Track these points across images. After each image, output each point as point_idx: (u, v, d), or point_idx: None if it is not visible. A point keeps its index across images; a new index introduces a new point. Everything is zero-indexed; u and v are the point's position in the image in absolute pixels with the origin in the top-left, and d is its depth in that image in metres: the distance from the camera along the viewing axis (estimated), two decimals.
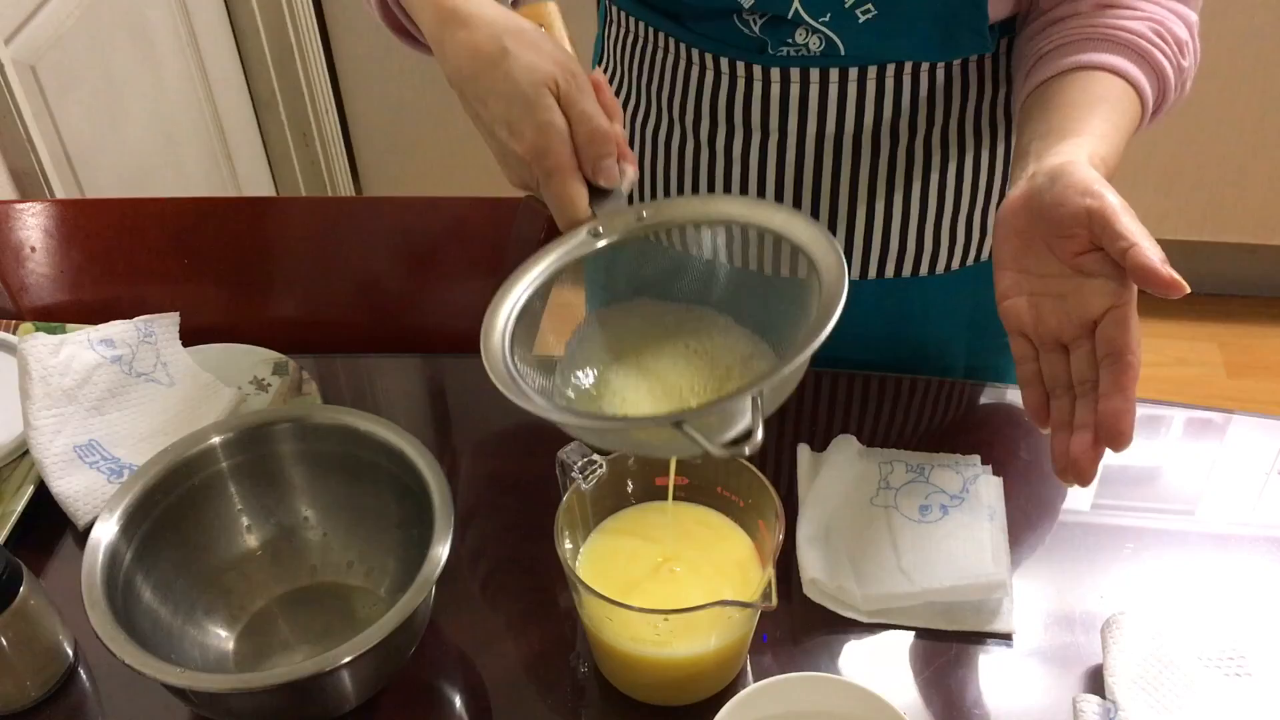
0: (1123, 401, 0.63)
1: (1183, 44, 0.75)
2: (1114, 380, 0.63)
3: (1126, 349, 0.63)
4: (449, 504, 0.71)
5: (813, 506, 0.81)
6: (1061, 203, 0.63)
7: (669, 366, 0.67)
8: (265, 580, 0.79)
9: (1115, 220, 0.62)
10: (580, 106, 0.65)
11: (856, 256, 0.93)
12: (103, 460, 0.86)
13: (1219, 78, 1.97)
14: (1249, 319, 2.30)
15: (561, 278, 0.66)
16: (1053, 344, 0.67)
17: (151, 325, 0.92)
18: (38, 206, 1.13)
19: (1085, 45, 0.75)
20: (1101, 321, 0.64)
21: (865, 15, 0.78)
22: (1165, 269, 0.60)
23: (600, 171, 0.66)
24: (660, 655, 0.67)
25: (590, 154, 0.65)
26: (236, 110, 2.12)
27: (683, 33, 0.86)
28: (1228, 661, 0.72)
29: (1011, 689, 0.72)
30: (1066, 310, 0.65)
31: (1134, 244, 0.61)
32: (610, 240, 0.66)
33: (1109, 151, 0.68)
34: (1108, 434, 0.63)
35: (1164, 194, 2.15)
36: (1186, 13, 0.77)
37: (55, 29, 1.57)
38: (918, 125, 0.86)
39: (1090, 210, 0.62)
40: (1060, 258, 0.65)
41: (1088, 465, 0.65)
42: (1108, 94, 0.72)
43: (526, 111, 0.64)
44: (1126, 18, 0.75)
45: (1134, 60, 0.74)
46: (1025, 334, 0.68)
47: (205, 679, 0.65)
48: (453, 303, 1.16)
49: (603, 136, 0.65)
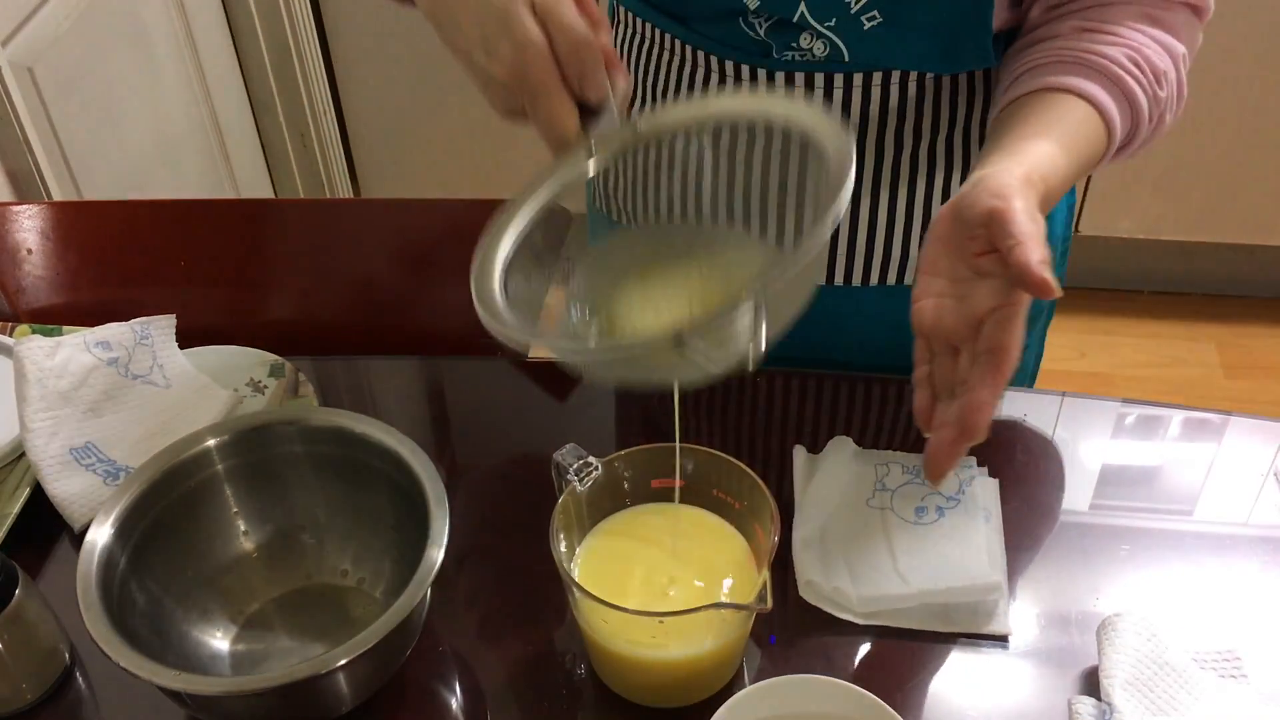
0: (986, 395, 0.63)
1: (1160, 73, 0.74)
2: (982, 375, 0.64)
3: (1002, 348, 0.63)
4: (445, 506, 0.71)
5: (809, 508, 0.81)
6: (973, 204, 0.64)
7: (677, 292, 0.64)
8: (261, 582, 0.79)
9: (1010, 220, 0.62)
10: (559, 17, 0.60)
11: (859, 262, 0.93)
12: (99, 462, 0.86)
13: (1217, 79, 1.97)
14: (1247, 320, 2.30)
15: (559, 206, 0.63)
16: (946, 346, 0.68)
17: (148, 327, 0.92)
18: (34, 208, 1.13)
19: (1058, 68, 0.74)
20: (987, 320, 0.65)
21: (870, 22, 0.78)
22: (1037, 269, 0.60)
23: (588, 86, 0.62)
24: (656, 657, 0.67)
25: (575, 68, 0.61)
26: (234, 112, 2.12)
27: (689, 35, 0.86)
28: (1223, 663, 0.72)
29: (1007, 691, 0.72)
30: (961, 311, 0.66)
31: (1018, 243, 0.61)
32: (605, 157, 0.62)
33: (1051, 170, 0.68)
34: (963, 425, 0.64)
35: (1162, 195, 2.15)
36: (1172, 44, 0.76)
37: (53, 31, 1.57)
38: (921, 132, 0.86)
39: (992, 210, 0.63)
40: (965, 259, 0.66)
41: (942, 460, 0.65)
42: (1067, 116, 0.72)
43: (501, 28, 0.60)
44: (1104, 43, 0.74)
45: (1104, 86, 0.73)
46: (925, 336, 0.69)
47: (201, 681, 0.65)
48: (450, 304, 1.16)
49: (586, 47, 0.60)
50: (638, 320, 0.62)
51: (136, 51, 1.80)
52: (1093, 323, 2.29)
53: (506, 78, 0.61)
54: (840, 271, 0.93)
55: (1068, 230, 0.99)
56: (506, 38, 0.60)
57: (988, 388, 0.63)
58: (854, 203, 0.89)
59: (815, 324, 0.93)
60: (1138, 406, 0.95)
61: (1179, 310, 2.33)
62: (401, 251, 1.18)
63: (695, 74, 0.87)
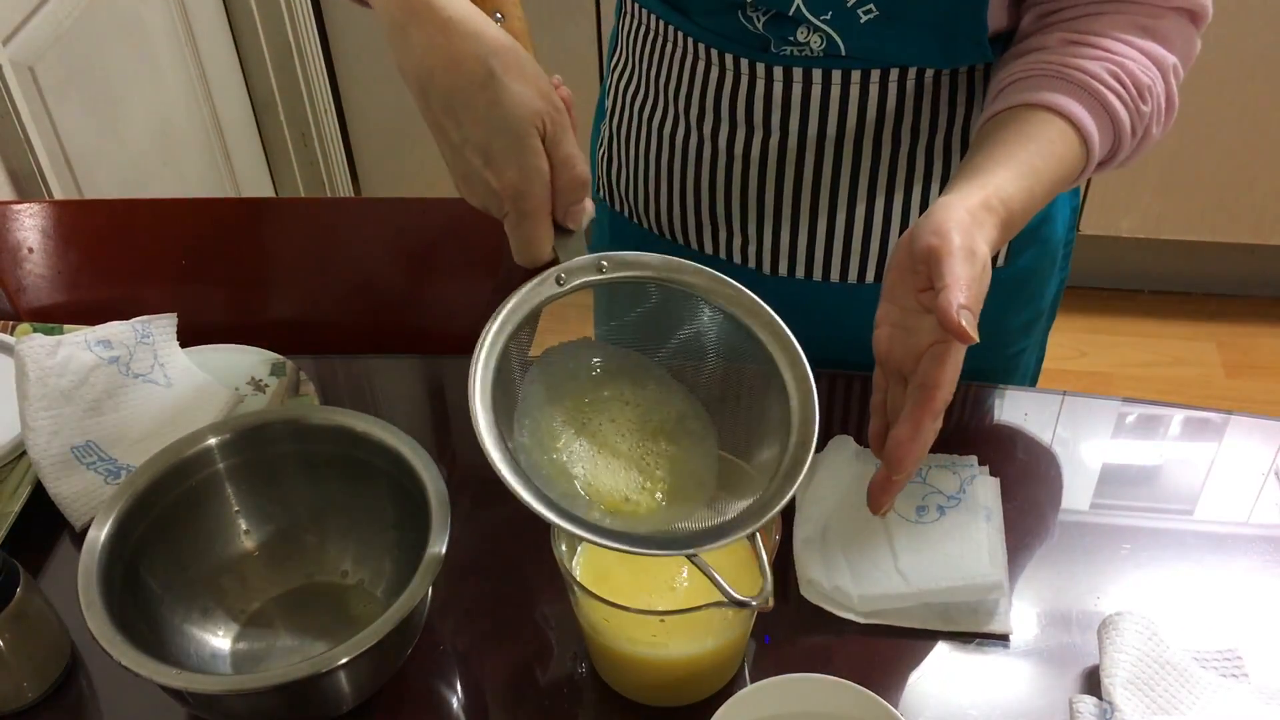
0: (909, 431, 0.65)
1: (1144, 88, 0.74)
2: (910, 410, 0.66)
3: (932, 383, 0.65)
4: (446, 505, 0.71)
5: (810, 507, 0.81)
6: (916, 239, 0.66)
7: (606, 421, 0.68)
8: (262, 581, 0.79)
9: (943, 261, 0.63)
10: (565, 150, 0.63)
11: (855, 260, 0.93)
12: (100, 461, 0.86)
13: (1217, 79, 1.97)
14: (1247, 319, 2.30)
15: (524, 327, 0.66)
16: (896, 375, 0.69)
17: (149, 326, 0.92)
18: (35, 207, 1.13)
19: (1040, 83, 0.74)
20: (924, 355, 0.66)
21: (867, 15, 0.78)
22: (954, 315, 0.62)
23: (570, 215, 0.65)
24: (657, 656, 0.68)
25: (566, 199, 0.64)
26: (235, 111, 2.12)
27: (690, 27, 0.87)
28: (1224, 662, 0.72)
29: (1008, 690, 0.72)
30: (907, 343, 0.68)
31: (945, 286, 0.62)
32: (570, 288, 0.66)
33: (1014, 193, 0.69)
34: (889, 459, 0.66)
35: (1163, 194, 2.15)
36: (1162, 55, 0.75)
37: (54, 30, 1.57)
38: (920, 130, 0.86)
39: (930, 249, 0.64)
40: (913, 293, 0.67)
41: (877, 494, 0.68)
42: (1040, 134, 0.72)
43: (513, 149, 0.62)
44: (1087, 57, 0.74)
45: (1083, 102, 0.73)
46: (880, 363, 0.71)
47: (202, 680, 0.65)
48: (450, 303, 1.16)
49: (583, 184, 0.64)
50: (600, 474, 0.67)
51: (137, 50, 1.80)
52: (1093, 322, 2.29)
53: (502, 192, 0.63)
54: (837, 269, 0.93)
55: (1070, 234, 0.99)
56: (514, 161, 0.62)
57: (911, 422, 0.65)
58: (852, 201, 0.89)
59: (816, 322, 0.93)
60: (1138, 406, 0.95)
61: (1179, 310, 2.33)
62: (402, 250, 1.18)
63: (696, 66, 0.88)
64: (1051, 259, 0.97)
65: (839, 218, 0.90)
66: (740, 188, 0.91)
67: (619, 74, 0.98)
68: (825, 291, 0.95)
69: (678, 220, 0.97)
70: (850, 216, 0.90)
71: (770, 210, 0.91)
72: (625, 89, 0.97)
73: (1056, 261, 0.99)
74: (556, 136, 0.63)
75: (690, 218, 0.96)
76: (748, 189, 0.91)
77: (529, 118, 0.61)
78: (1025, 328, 1.00)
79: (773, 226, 0.92)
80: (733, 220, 0.93)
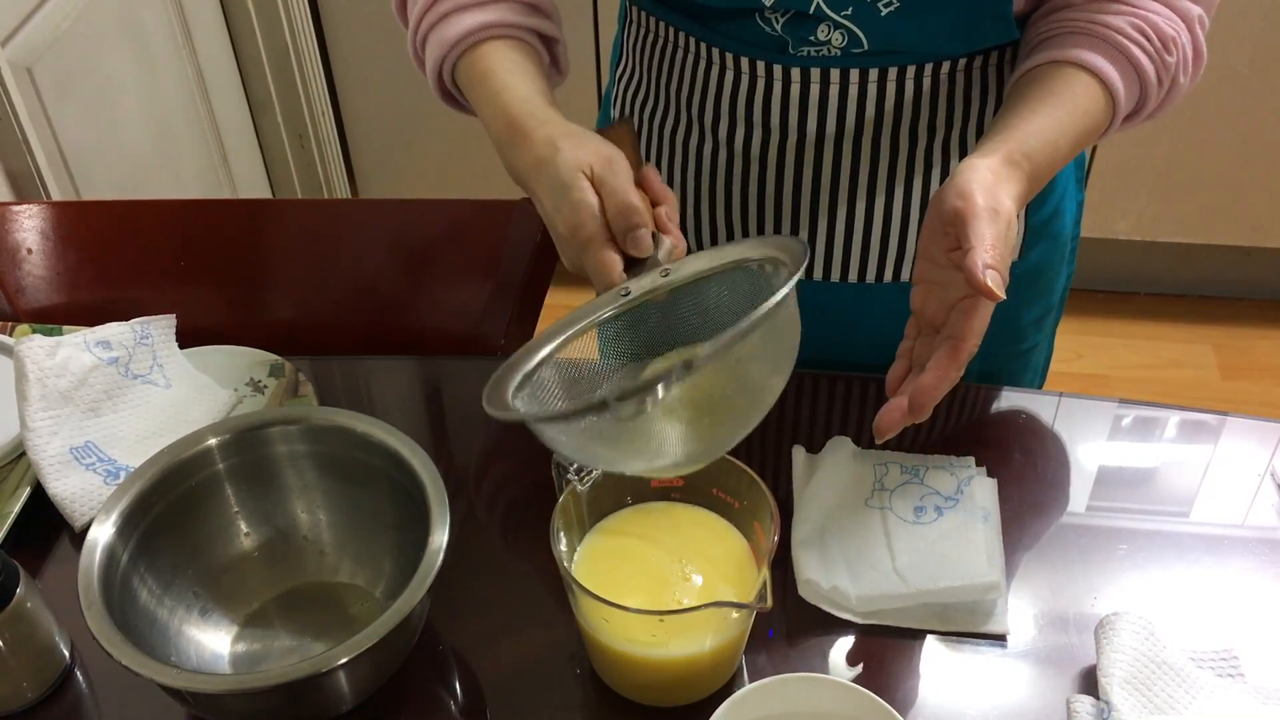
0: (934, 379, 0.69)
1: (1169, 40, 0.76)
2: (937, 358, 0.70)
3: (959, 335, 0.69)
4: (445, 505, 0.71)
5: (808, 508, 0.81)
6: (942, 201, 0.69)
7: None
8: (261, 581, 0.79)
9: (968, 223, 0.67)
10: (610, 184, 0.69)
11: (873, 259, 0.93)
12: (99, 462, 0.86)
13: (1215, 79, 1.98)
14: (1243, 321, 2.30)
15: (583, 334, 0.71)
16: (930, 327, 0.73)
17: (148, 327, 0.92)
18: (34, 208, 1.13)
19: (1065, 40, 0.77)
20: (954, 309, 0.70)
21: (887, 8, 0.78)
22: (980, 275, 0.65)
23: (630, 242, 0.69)
24: (656, 656, 0.68)
25: (620, 225, 0.69)
26: (232, 112, 2.12)
27: (704, 33, 0.86)
28: (1220, 662, 0.72)
29: (1005, 690, 0.72)
30: (940, 298, 0.72)
31: (971, 247, 0.66)
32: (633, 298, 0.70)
33: (1039, 143, 0.72)
34: (912, 403, 0.70)
35: (1159, 197, 2.16)
36: (1187, 7, 0.77)
37: (52, 31, 1.57)
38: (936, 127, 0.86)
39: (955, 211, 0.68)
40: (943, 252, 0.71)
41: (884, 425, 0.71)
42: (1064, 88, 0.75)
43: (564, 192, 0.70)
44: (1111, 12, 0.76)
45: (1109, 56, 0.75)
46: (915, 316, 0.75)
47: (202, 680, 0.65)
48: (449, 304, 1.17)
49: (631, 209, 0.69)
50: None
51: (135, 52, 1.80)
52: (1090, 324, 2.29)
53: (565, 231, 0.70)
54: (855, 269, 0.93)
55: (1077, 228, 1.00)
56: (566, 200, 0.70)
57: (940, 369, 0.69)
58: (869, 199, 0.89)
59: (831, 322, 0.93)
60: (1135, 407, 0.95)
61: (1176, 312, 2.33)
62: (400, 251, 1.18)
63: (711, 71, 0.87)
64: (1061, 253, 0.98)
65: (857, 216, 0.90)
66: (757, 190, 0.91)
67: (625, 83, 0.97)
68: (840, 292, 0.95)
69: (692, 225, 0.96)
70: (869, 214, 0.90)
71: (788, 211, 0.91)
72: (633, 98, 0.96)
73: (1065, 256, 0.99)
74: (603, 176, 0.69)
75: (705, 223, 0.95)
76: (765, 191, 0.90)
77: (576, 167, 0.70)
78: (1037, 323, 1.01)
79: (789, 228, 0.92)
80: (749, 223, 0.93)
